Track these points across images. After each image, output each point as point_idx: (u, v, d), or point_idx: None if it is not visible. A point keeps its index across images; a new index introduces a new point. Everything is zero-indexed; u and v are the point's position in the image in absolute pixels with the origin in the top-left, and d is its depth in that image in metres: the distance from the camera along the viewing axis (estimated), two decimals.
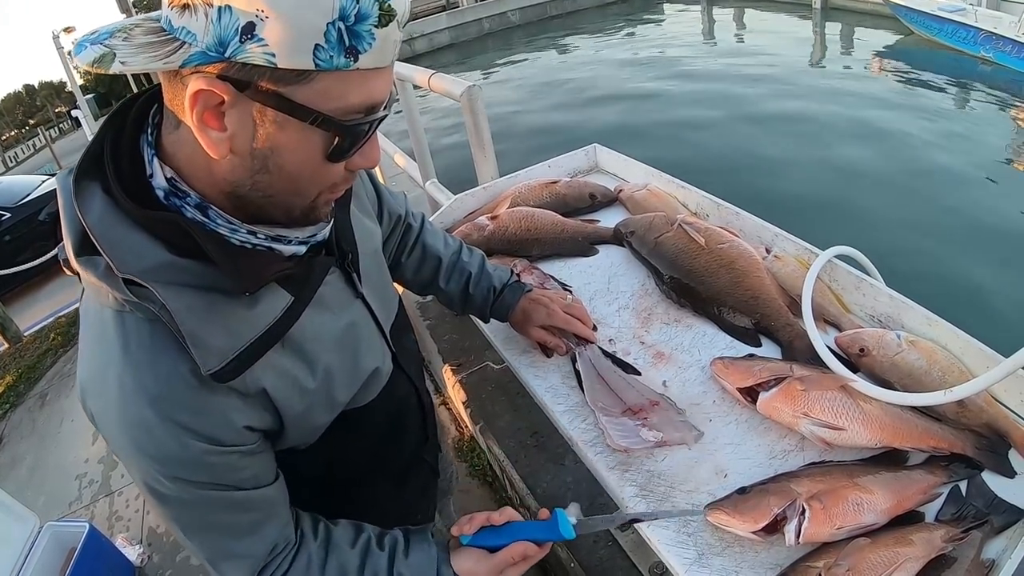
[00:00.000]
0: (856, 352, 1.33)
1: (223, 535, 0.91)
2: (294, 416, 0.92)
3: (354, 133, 0.75)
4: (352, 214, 1.05)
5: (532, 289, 1.51)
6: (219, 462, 0.84)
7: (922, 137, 8.37)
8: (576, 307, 1.49)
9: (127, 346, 0.78)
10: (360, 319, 1.03)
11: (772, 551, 1.04)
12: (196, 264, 0.77)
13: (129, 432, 0.80)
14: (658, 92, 11.83)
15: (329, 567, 0.98)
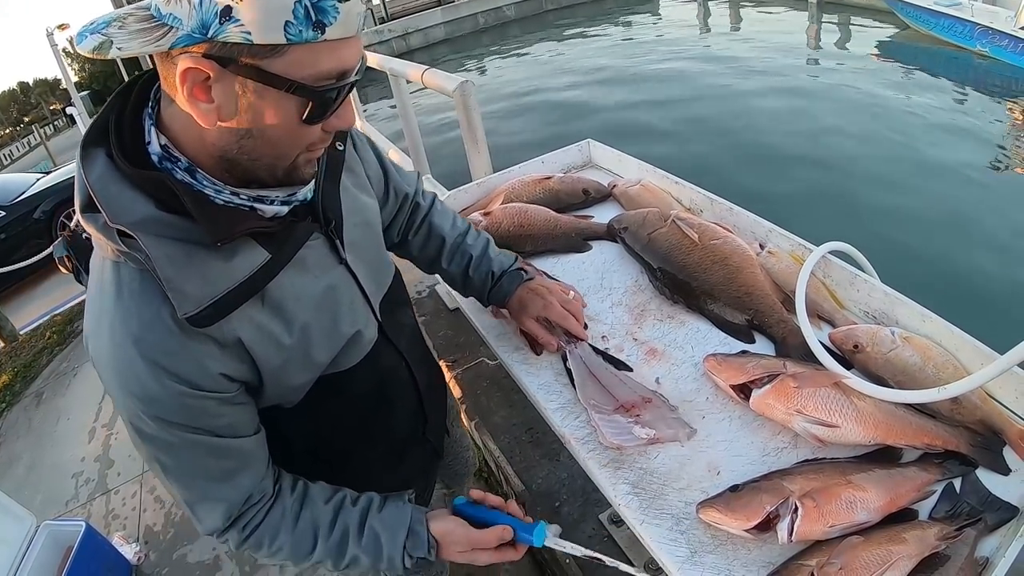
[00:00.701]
0: (850, 349, 1.32)
1: (199, 479, 0.98)
2: (271, 370, 0.98)
3: (326, 98, 0.83)
4: (343, 186, 1.11)
5: (533, 278, 1.51)
6: (196, 405, 0.91)
7: (918, 132, 8.38)
8: (574, 303, 1.47)
9: (120, 293, 0.87)
10: (341, 284, 1.08)
11: (765, 549, 1.03)
12: (179, 219, 0.85)
13: (117, 372, 0.88)
14: (653, 87, 11.83)
15: (302, 520, 1.07)
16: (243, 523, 1.04)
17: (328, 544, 1.09)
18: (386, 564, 1.11)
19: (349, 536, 1.10)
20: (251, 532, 1.05)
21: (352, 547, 1.09)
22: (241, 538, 1.05)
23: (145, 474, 3.80)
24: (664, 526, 1.08)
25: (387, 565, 1.11)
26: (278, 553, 1.08)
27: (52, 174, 10.66)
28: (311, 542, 1.08)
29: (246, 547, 1.06)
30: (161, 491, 3.60)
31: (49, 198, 9.14)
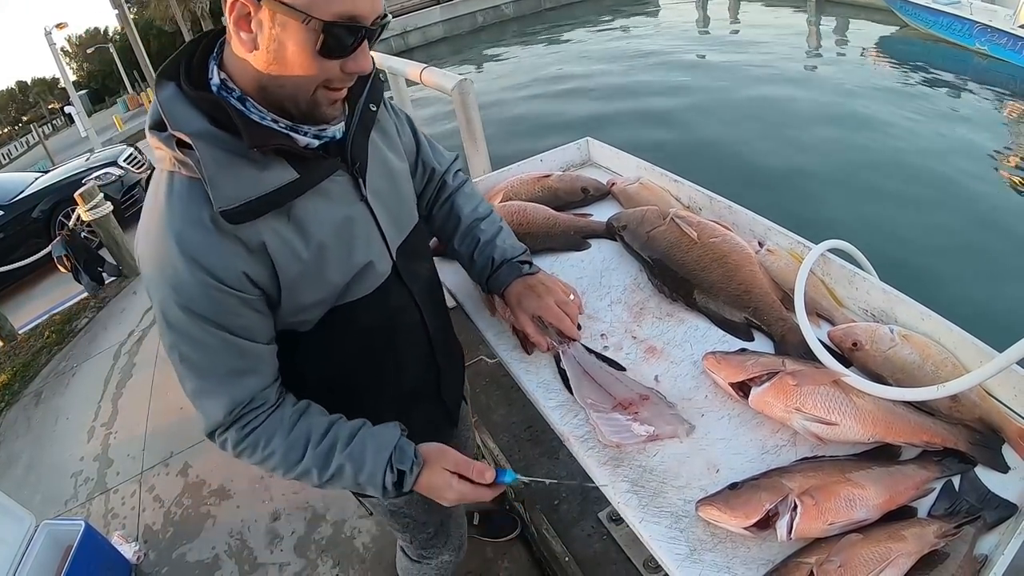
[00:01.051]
0: (849, 346, 1.32)
1: (211, 372, 1.11)
2: (289, 281, 1.11)
3: (335, 33, 0.96)
4: (372, 141, 1.25)
5: (536, 273, 1.51)
6: (219, 299, 1.04)
7: (917, 130, 8.38)
8: (570, 305, 1.47)
9: (169, 196, 1.04)
10: (360, 218, 1.20)
11: (764, 547, 1.03)
12: (227, 135, 1.02)
13: (157, 262, 1.03)
14: (652, 85, 11.83)
15: (298, 428, 1.18)
16: (244, 423, 1.15)
17: (317, 451, 1.18)
18: (367, 476, 1.19)
19: (337, 445, 1.19)
20: (249, 432, 1.16)
21: (338, 456, 1.18)
22: (240, 436, 1.15)
23: (144, 473, 3.80)
24: (663, 524, 1.08)
25: (367, 478, 1.19)
26: (270, 458, 1.17)
27: (50, 173, 10.69)
28: (302, 449, 1.17)
29: (243, 447, 1.17)
30: (160, 490, 3.61)
31: (47, 197, 9.15)
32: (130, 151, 10.73)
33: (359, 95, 1.21)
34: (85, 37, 65.47)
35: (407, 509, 1.67)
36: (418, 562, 1.87)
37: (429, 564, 1.87)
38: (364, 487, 1.20)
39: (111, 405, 4.66)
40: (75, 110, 20.38)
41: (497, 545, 2.68)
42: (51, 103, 55.64)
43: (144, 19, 37.62)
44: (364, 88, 1.22)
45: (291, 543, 3.01)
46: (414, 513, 1.69)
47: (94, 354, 5.60)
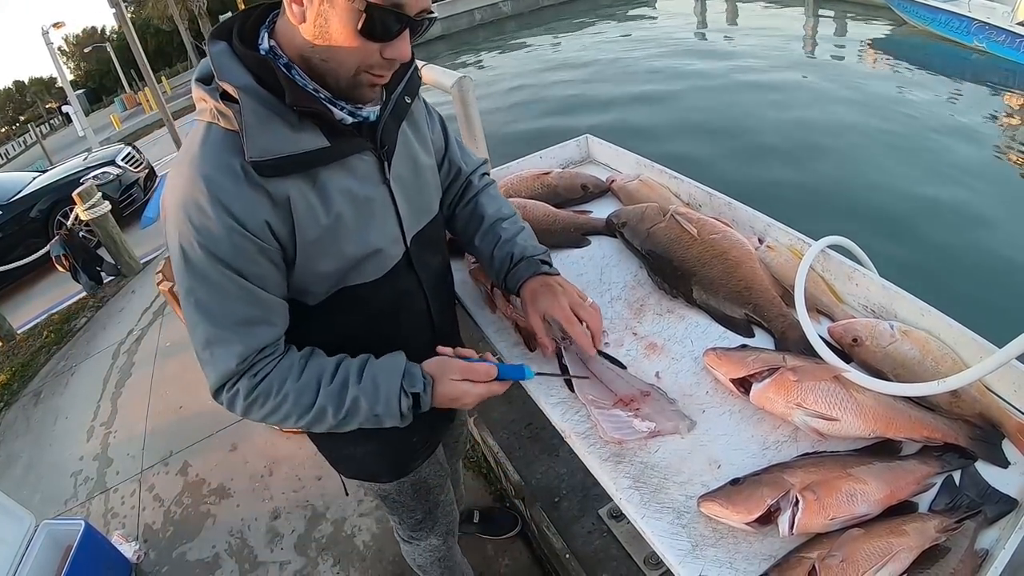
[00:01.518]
0: (849, 342, 1.32)
1: (224, 320, 1.14)
2: (306, 243, 1.15)
3: (379, 18, 1.01)
4: (403, 131, 1.29)
5: (556, 274, 1.48)
6: (239, 244, 1.08)
7: (915, 127, 8.39)
8: (588, 311, 1.39)
9: (204, 142, 1.09)
10: (380, 200, 1.25)
11: (766, 542, 1.03)
12: (270, 94, 1.07)
13: (182, 201, 1.07)
14: (651, 82, 11.83)
15: (307, 370, 1.21)
16: (255, 371, 1.18)
17: (329, 389, 1.20)
18: (383, 404, 1.21)
19: (349, 380, 1.22)
20: (261, 379, 1.18)
21: (352, 389, 1.21)
22: (252, 385, 1.17)
23: (144, 472, 3.81)
24: (665, 520, 1.08)
25: (384, 406, 1.21)
26: (283, 404, 1.19)
27: (48, 173, 10.67)
28: (314, 390, 1.20)
29: (255, 395, 1.18)
30: (160, 489, 3.61)
31: (45, 197, 9.14)
32: (128, 150, 10.73)
33: (396, 85, 1.26)
34: (82, 36, 65.38)
35: (397, 495, 1.73)
36: (409, 542, 1.97)
37: (419, 545, 1.95)
38: (382, 418, 1.23)
39: (110, 404, 4.66)
40: (72, 109, 20.34)
41: (498, 543, 2.69)
42: (48, 103, 55.55)
43: (142, 18, 37.60)
44: (402, 79, 1.27)
45: (291, 541, 3.02)
46: (403, 499, 1.75)
47: (93, 353, 5.60)
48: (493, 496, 2.92)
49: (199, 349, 1.17)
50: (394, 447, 1.60)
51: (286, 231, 1.13)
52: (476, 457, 3.06)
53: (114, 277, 7.09)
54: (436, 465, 1.76)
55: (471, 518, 2.71)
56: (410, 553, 2.02)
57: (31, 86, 70.73)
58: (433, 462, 1.73)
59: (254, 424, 3.79)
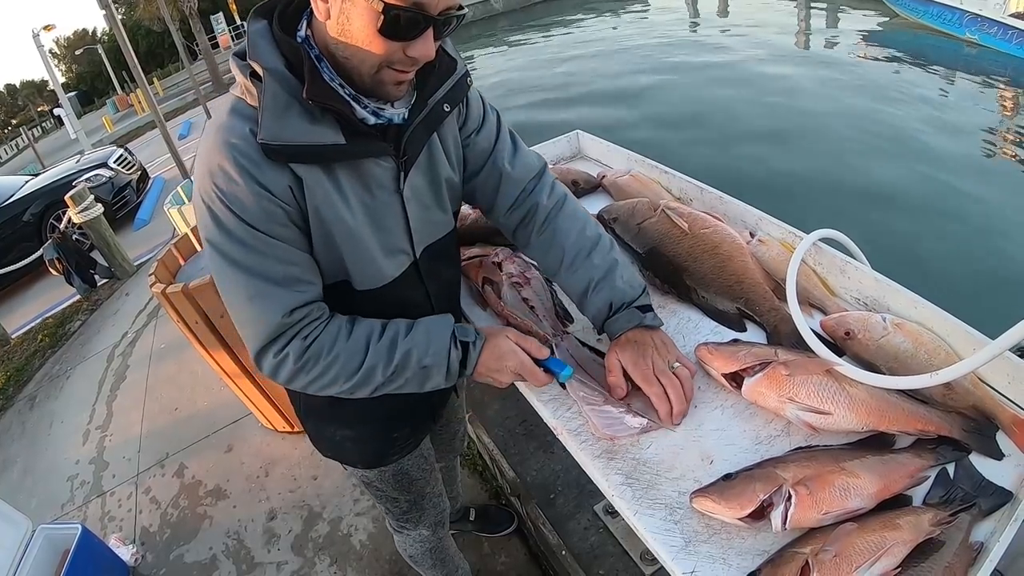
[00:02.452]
0: (842, 336, 1.32)
1: (264, 276, 1.13)
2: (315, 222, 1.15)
3: (398, 18, 1.00)
4: (432, 142, 1.28)
5: (657, 327, 1.34)
6: (268, 208, 1.09)
7: (907, 119, 8.38)
8: (669, 378, 1.24)
9: (231, 113, 1.11)
10: (391, 208, 1.24)
11: (759, 537, 1.03)
12: (296, 80, 1.08)
13: (210, 168, 1.08)
14: (642, 78, 11.81)
15: (356, 331, 1.21)
16: (304, 334, 1.17)
17: (379, 346, 1.21)
18: (433, 354, 1.22)
19: (399, 336, 1.22)
20: (312, 342, 1.17)
21: (402, 344, 1.21)
22: (303, 347, 1.17)
23: (140, 475, 3.80)
24: (658, 516, 1.08)
25: (434, 356, 1.22)
26: (332, 366, 1.19)
27: (40, 176, 10.63)
28: (364, 349, 1.20)
29: (306, 357, 1.17)
30: (156, 492, 3.60)
31: (38, 200, 9.12)
32: (120, 152, 10.71)
33: (435, 90, 1.23)
34: (73, 38, 65.31)
35: (379, 484, 1.73)
36: (399, 532, 1.98)
37: (409, 535, 1.96)
38: (430, 371, 1.23)
39: (105, 407, 4.65)
40: (64, 112, 20.30)
41: (494, 540, 2.69)
42: (40, 106, 55.40)
43: (132, 20, 37.46)
44: (440, 84, 1.24)
45: (288, 542, 3.01)
46: (386, 489, 1.75)
47: (88, 357, 5.59)
48: (489, 494, 2.92)
49: (241, 308, 1.16)
50: (372, 438, 1.60)
51: (304, 204, 1.14)
52: (471, 455, 3.06)
53: (108, 280, 7.08)
54: (420, 459, 1.75)
55: (467, 516, 2.71)
56: (401, 544, 2.03)
57: (22, 89, 70.64)
58: (416, 456, 1.73)
59: (250, 425, 3.79)
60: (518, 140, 1.51)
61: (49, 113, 44.88)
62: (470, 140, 1.41)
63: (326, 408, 1.51)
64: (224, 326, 2.99)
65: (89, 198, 6.69)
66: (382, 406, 1.37)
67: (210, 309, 2.91)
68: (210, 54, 25.75)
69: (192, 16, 25.18)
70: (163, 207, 5.25)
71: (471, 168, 1.44)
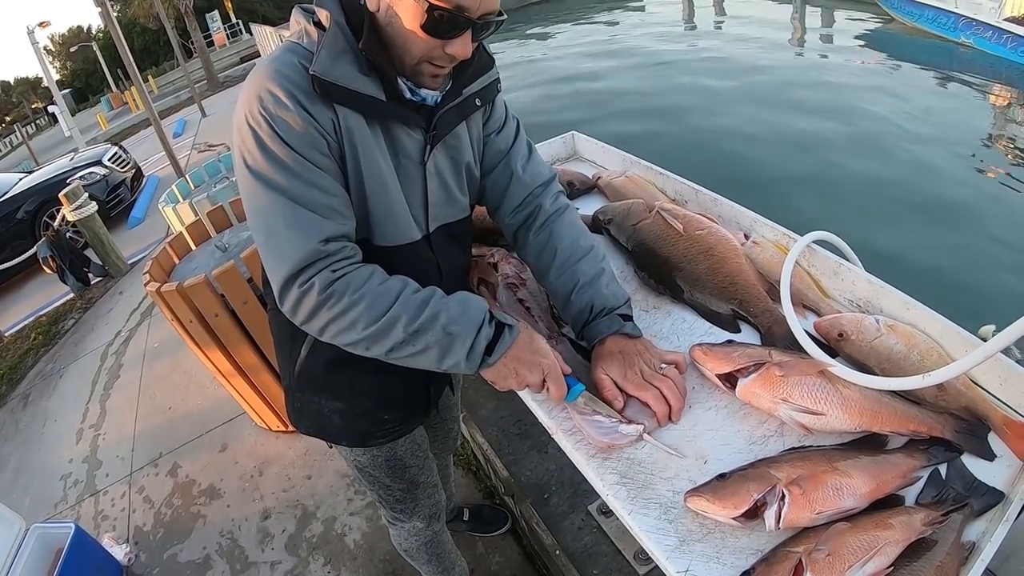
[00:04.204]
0: (835, 337, 1.33)
1: (305, 201, 1.14)
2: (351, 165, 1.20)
3: (439, 17, 1.08)
4: (460, 130, 1.35)
5: (638, 337, 1.35)
6: (312, 134, 1.14)
7: (902, 122, 8.42)
8: (662, 380, 1.26)
9: (286, 50, 1.17)
10: (413, 178, 1.29)
11: (753, 536, 1.04)
12: (353, 36, 1.16)
13: (259, 93, 1.12)
14: (638, 79, 11.85)
15: (391, 280, 1.19)
16: (335, 267, 1.15)
17: (411, 298, 1.18)
18: (465, 323, 1.18)
19: (433, 296, 1.20)
20: (341, 276, 1.15)
21: (434, 303, 1.18)
22: (330, 279, 1.14)
23: (134, 474, 3.79)
24: (652, 515, 1.08)
25: (464, 325, 1.18)
26: (355, 305, 1.14)
27: (34, 173, 10.59)
28: (393, 296, 1.17)
29: (332, 288, 1.14)
30: (150, 491, 3.60)
31: (32, 198, 9.08)
32: (115, 150, 10.67)
33: (471, 82, 1.32)
34: (68, 35, 65.00)
35: (372, 469, 1.73)
36: (393, 524, 1.97)
37: (403, 527, 1.95)
38: (454, 342, 1.18)
39: (99, 406, 4.64)
40: (59, 109, 20.21)
41: (488, 540, 2.69)
42: (34, 102, 55.25)
43: (127, 17, 37.40)
44: (476, 78, 1.33)
45: (282, 541, 3.01)
46: (378, 475, 1.75)
47: (81, 355, 5.58)
48: (483, 493, 2.92)
49: (275, 235, 1.14)
50: (361, 415, 1.59)
51: (343, 145, 1.18)
52: (465, 454, 3.06)
53: (101, 278, 7.06)
54: (413, 445, 1.74)
55: (461, 515, 2.71)
56: (396, 537, 2.02)
57: (17, 86, 70.28)
58: (409, 442, 1.72)
59: (244, 424, 3.79)
60: (534, 149, 1.57)
61: (43, 110, 44.72)
62: (489, 139, 1.48)
63: (322, 375, 1.49)
64: (219, 325, 2.98)
65: (83, 196, 6.67)
66: (375, 382, 1.38)
67: (205, 308, 2.91)
68: (205, 52, 25.64)
69: (187, 14, 25.12)
70: (157, 205, 5.24)
71: (486, 165, 1.50)
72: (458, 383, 2.11)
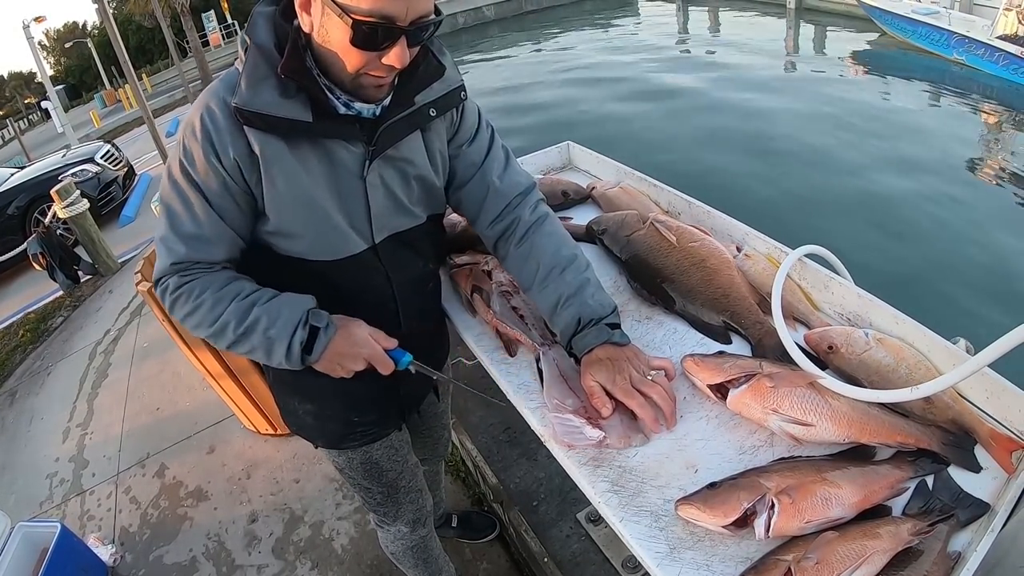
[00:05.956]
0: (825, 349, 1.34)
1: (178, 227, 1.26)
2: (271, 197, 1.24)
3: (367, 31, 1.09)
4: (414, 139, 1.35)
5: (626, 344, 1.35)
6: (211, 171, 1.20)
7: (894, 138, 8.48)
8: (651, 387, 1.26)
9: (222, 79, 1.23)
10: (353, 191, 1.30)
11: (742, 545, 1.05)
12: (279, 57, 1.17)
13: (188, 121, 1.22)
14: (633, 90, 11.88)
15: (229, 286, 1.29)
16: (186, 272, 1.28)
17: (239, 305, 1.27)
18: (279, 327, 1.27)
19: (258, 301, 1.29)
20: (188, 280, 1.28)
21: (256, 309, 1.27)
22: (179, 283, 1.28)
23: (120, 474, 3.77)
24: (643, 523, 1.09)
25: (280, 329, 1.27)
26: (199, 308, 1.28)
27: (26, 169, 10.53)
28: (227, 302, 1.27)
29: (178, 292, 1.28)
30: (136, 492, 3.58)
31: (23, 194, 9.03)
32: (107, 148, 10.62)
33: (418, 90, 1.31)
34: (63, 31, 64.85)
35: (348, 470, 1.77)
36: (379, 527, 1.99)
37: (388, 530, 1.97)
38: (273, 343, 1.27)
39: (86, 405, 4.62)
40: (52, 105, 20.11)
41: (476, 546, 2.69)
42: (27, 98, 54.88)
43: (123, 14, 37.27)
44: (425, 86, 1.31)
45: (269, 545, 3.00)
46: (355, 476, 1.78)
47: (69, 353, 5.55)
48: (471, 500, 2.92)
49: (155, 242, 1.31)
50: (332, 417, 1.64)
51: (255, 179, 1.23)
52: (455, 461, 3.06)
53: (91, 276, 7.03)
54: (390, 450, 1.75)
55: (449, 521, 2.71)
56: (383, 539, 2.04)
57: (10, 80, 69.91)
58: (385, 446, 1.74)
59: (232, 427, 3.78)
60: (511, 158, 1.56)
61: (36, 106, 44.47)
62: (460, 151, 1.48)
63: (289, 378, 1.53)
64: None
65: (75, 193, 6.64)
66: (341, 385, 1.39)
67: None
68: (200, 52, 25.63)
69: (183, 13, 25.07)
70: (149, 204, 5.22)
71: (460, 178, 1.50)
72: (446, 391, 2.11)
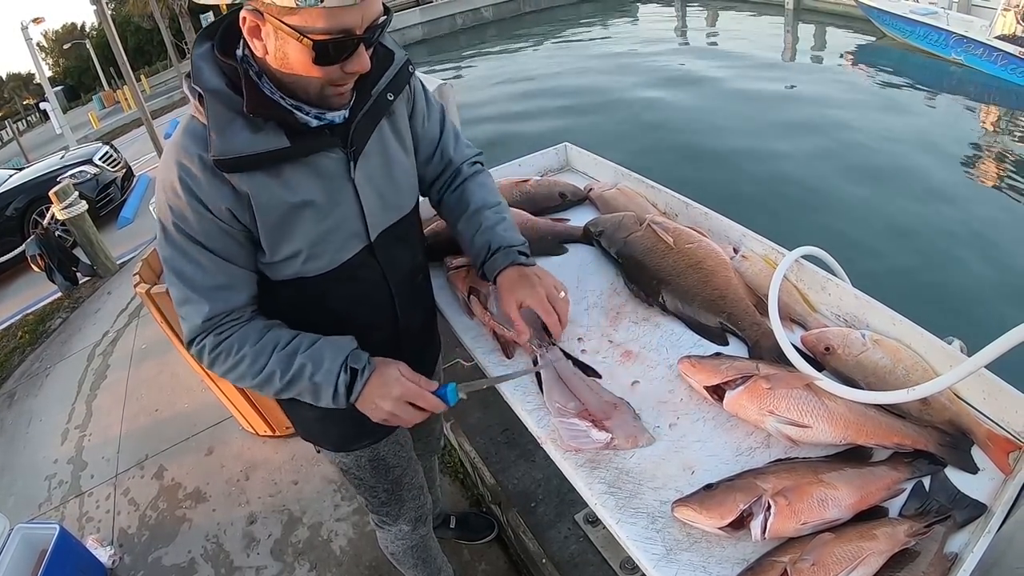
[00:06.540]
0: (822, 351, 1.34)
1: (195, 285, 1.26)
2: (267, 229, 1.25)
3: (327, 48, 1.10)
4: (381, 129, 1.37)
5: (534, 264, 1.52)
6: (206, 224, 1.22)
7: (892, 138, 8.48)
8: (560, 302, 1.46)
9: (184, 132, 1.21)
10: (343, 196, 1.32)
11: (739, 546, 1.05)
12: (235, 96, 1.17)
13: (163, 183, 1.22)
14: (631, 91, 11.88)
15: (266, 337, 1.32)
16: (220, 330, 1.30)
17: (281, 354, 1.30)
18: (324, 373, 1.30)
19: (300, 348, 1.31)
20: (225, 338, 1.30)
21: (300, 357, 1.30)
22: (216, 342, 1.30)
23: (119, 476, 3.77)
24: (640, 524, 1.09)
25: (324, 375, 1.30)
26: (240, 363, 1.30)
27: (25, 170, 10.53)
28: (269, 353, 1.30)
29: (217, 351, 1.30)
30: (135, 493, 3.58)
31: (21, 195, 9.03)
32: (105, 149, 10.62)
33: (378, 81, 1.33)
34: (62, 32, 64.80)
35: (356, 470, 1.77)
36: (380, 527, 1.99)
37: (390, 530, 1.97)
38: (320, 388, 1.30)
39: (85, 407, 4.61)
40: (50, 106, 20.11)
41: (474, 547, 2.69)
42: (26, 99, 54.94)
43: (122, 15, 37.26)
44: (382, 75, 1.33)
45: (268, 546, 3.00)
46: (363, 475, 1.78)
47: (68, 355, 5.54)
48: (469, 501, 2.92)
49: (176, 308, 1.30)
50: (339, 420, 1.61)
51: (248, 217, 1.24)
52: (452, 462, 3.06)
53: (90, 278, 7.02)
54: (396, 445, 1.77)
55: (448, 523, 2.71)
56: (383, 540, 2.04)
57: (8, 82, 69.88)
58: (392, 442, 1.75)
59: (231, 428, 3.77)
60: (459, 132, 1.68)
61: (35, 107, 44.46)
62: (418, 131, 1.54)
63: None
64: None
65: (73, 195, 6.64)
66: None
67: None
68: None
69: (182, 14, 25.07)
70: (148, 206, 5.22)
71: (423, 155, 1.58)
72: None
